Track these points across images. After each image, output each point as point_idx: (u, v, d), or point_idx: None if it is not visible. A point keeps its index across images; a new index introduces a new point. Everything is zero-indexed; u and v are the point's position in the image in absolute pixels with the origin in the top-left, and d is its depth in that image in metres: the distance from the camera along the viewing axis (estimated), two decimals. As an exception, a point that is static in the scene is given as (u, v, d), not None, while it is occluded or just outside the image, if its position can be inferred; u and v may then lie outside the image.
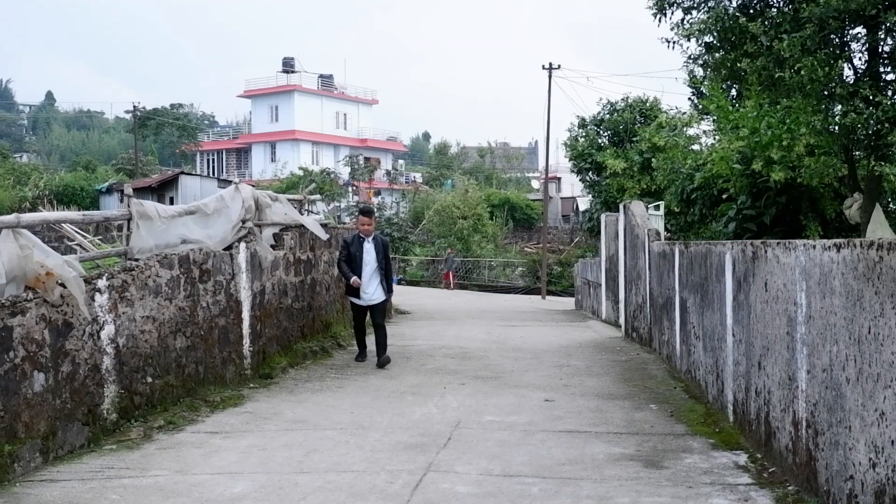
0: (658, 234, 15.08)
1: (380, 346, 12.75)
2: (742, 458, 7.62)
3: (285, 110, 79.76)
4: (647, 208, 17.35)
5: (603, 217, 22.16)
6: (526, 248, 59.52)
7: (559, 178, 76.34)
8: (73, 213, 9.41)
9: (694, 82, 16.99)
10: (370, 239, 12.68)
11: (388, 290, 12.95)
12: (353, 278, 12.44)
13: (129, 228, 9.40)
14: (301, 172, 60.82)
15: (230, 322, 11.00)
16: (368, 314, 12.91)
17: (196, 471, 7.31)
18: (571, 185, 69.65)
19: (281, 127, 79.53)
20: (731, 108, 13.36)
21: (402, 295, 31.98)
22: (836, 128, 12.65)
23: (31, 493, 6.62)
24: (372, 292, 12.72)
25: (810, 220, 12.32)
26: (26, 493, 6.64)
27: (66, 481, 6.95)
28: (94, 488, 6.77)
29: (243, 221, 11.20)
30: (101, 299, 8.30)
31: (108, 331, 8.37)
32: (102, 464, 7.48)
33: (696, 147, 18.88)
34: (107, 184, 55.41)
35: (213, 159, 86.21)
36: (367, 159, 74.12)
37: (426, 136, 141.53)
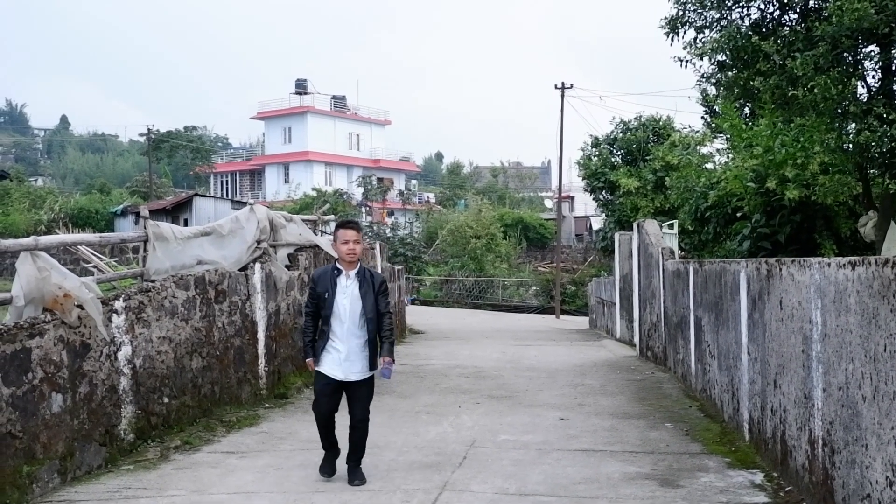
0: (672, 252, 15.07)
1: (354, 450, 7.46)
2: (758, 477, 7.60)
3: (298, 131, 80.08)
4: (661, 227, 17.35)
5: (617, 236, 22.16)
6: (539, 268, 59.47)
7: (572, 198, 76.34)
8: (91, 235, 9.49)
9: (707, 101, 17.03)
10: (353, 274, 7.35)
11: (387, 352, 7.29)
12: (308, 359, 7.42)
13: (145, 250, 9.47)
14: (314, 193, 60.98)
15: (245, 342, 11.05)
16: (343, 397, 7.45)
17: (213, 490, 7.34)
18: (585, 205, 69.65)
19: (294, 148, 79.82)
20: (744, 126, 13.37)
21: (416, 314, 32.00)
22: (850, 146, 12.64)
23: (48, 514, 6.65)
24: (351, 362, 7.29)
25: (825, 239, 12.30)
26: (44, 513, 6.68)
27: (84, 501, 6.99)
28: (111, 509, 6.80)
29: (258, 242, 11.27)
30: (119, 320, 8.36)
31: (125, 352, 8.43)
32: (120, 484, 7.52)
33: (709, 166, 18.88)
34: (121, 206, 55.72)
35: (227, 181, 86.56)
36: (380, 180, 74.30)
37: (439, 157, 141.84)
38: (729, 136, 14.48)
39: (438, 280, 54.86)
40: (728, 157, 16.35)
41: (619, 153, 29.76)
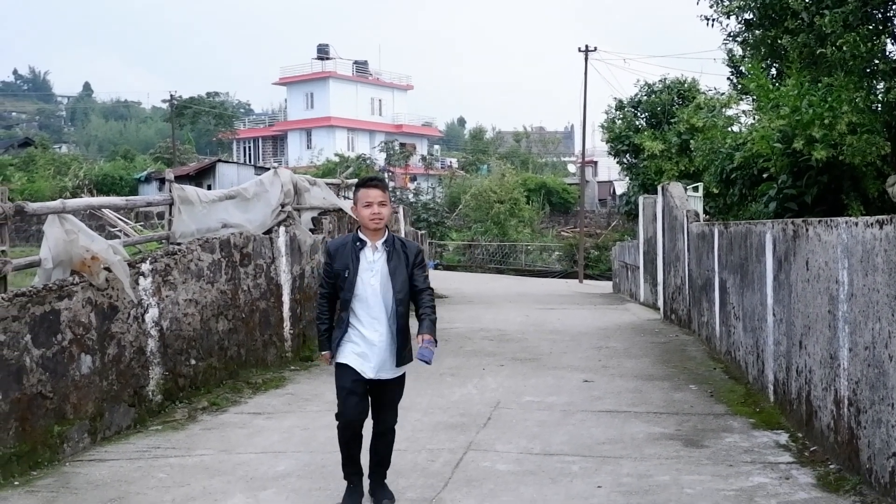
0: (697, 215, 14.99)
1: (379, 463, 6.03)
2: (783, 438, 7.60)
3: (320, 97, 79.89)
4: (686, 190, 17.24)
5: (641, 199, 22.04)
6: (562, 233, 59.29)
7: (596, 162, 75.88)
8: (117, 199, 9.56)
9: (733, 61, 16.81)
10: (380, 244, 5.81)
11: (427, 330, 5.69)
12: (325, 352, 5.91)
13: (170, 213, 9.52)
14: (337, 159, 60.96)
15: (271, 305, 11.12)
16: (370, 399, 5.83)
17: (240, 450, 7.43)
18: (608, 169, 69.21)
19: (316, 114, 79.67)
20: (771, 86, 13.21)
21: (440, 279, 32.06)
22: (879, 105, 12.45)
23: (80, 473, 6.77)
24: (382, 356, 5.73)
25: (852, 200, 12.16)
26: (75, 472, 6.79)
27: (114, 461, 7.09)
28: (141, 467, 6.91)
29: (282, 206, 11.31)
30: (145, 283, 8.43)
31: (153, 314, 8.50)
32: (149, 444, 7.62)
33: (735, 128, 18.69)
34: (145, 172, 55.98)
35: (250, 147, 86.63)
36: (402, 145, 74.11)
37: (461, 122, 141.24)
38: (755, 96, 14.31)
39: (461, 245, 54.87)
40: (754, 119, 16.17)
41: (643, 116, 29.48)
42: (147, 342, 8.40)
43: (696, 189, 17.25)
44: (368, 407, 5.76)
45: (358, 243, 5.74)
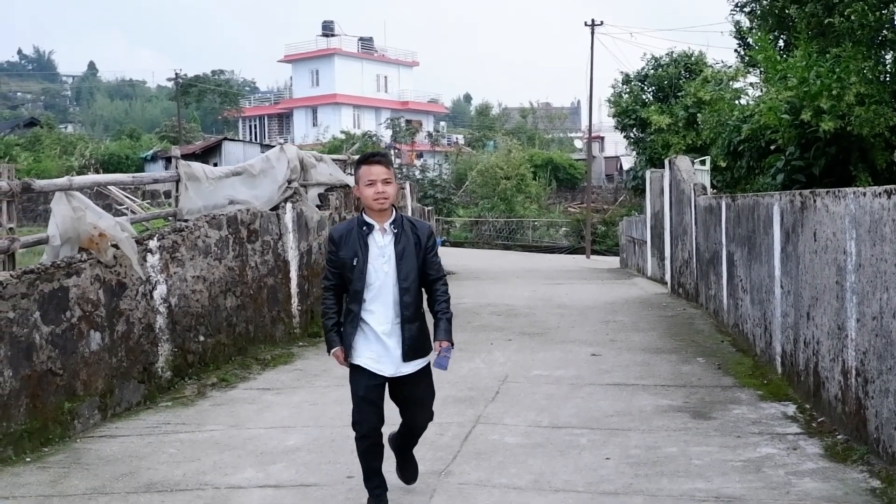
0: (704, 188, 14.95)
1: (406, 471, 5.69)
2: (790, 409, 7.62)
3: (326, 74, 79.67)
4: (693, 163, 17.20)
5: (648, 173, 21.98)
6: (569, 208, 59.17)
7: (602, 138, 75.62)
8: (123, 176, 9.57)
9: (741, 33, 16.74)
10: (388, 226, 5.18)
11: (444, 335, 5.20)
12: (335, 349, 5.20)
13: (177, 190, 9.53)
14: (343, 136, 60.88)
15: (278, 282, 11.15)
16: (400, 400, 5.38)
17: (250, 425, 7.47)
18: (615, 145, 69.03)
19: (322, 91, 79.47)
20: (778, 57, 13.13)
21: (447, 256, 32.04)
22: (888, 75, 12.39)
23: (91, 449, 6.81)
24: (398, 350, 5.15)
25: (861, 171, 12.12)
26: (86, 448, 6.84)
27: (125, 437, 7.14)
28: (151, 443, 6.95)
29: (289, 182, 11.31)
30: (153, 260, 8.46)
31: (161, 290, 8.53)
32: (159, 420, 7.67)
33: (742, 101, 18.61)
34: (151, 151, 55.97)
35: (255, 125, 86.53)
36: (408, 122, 73.93)
37: (467, 98, 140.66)
38: (763, 68, 14.24)
39: (468, 221, 54.85)
40: (762, 91, 16.10)
41: (650, 90, 29.40)
42: (156, 319, 8.43)
43: (703, 162, 17.21)
44: (383, 414, 5.17)
45: (364, 227, 5.09)
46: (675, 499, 5.46)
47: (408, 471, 5.67)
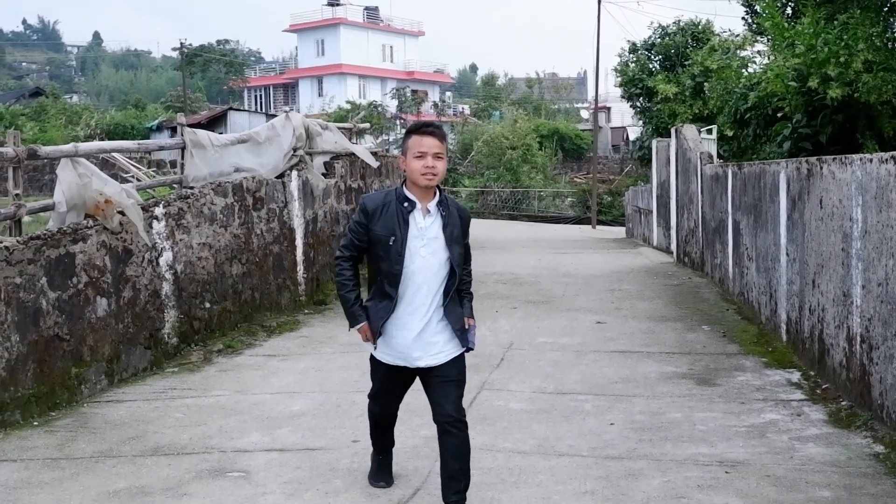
0: (710, 157, 14.90)
1: (454, 476, 4.59)
2: (795, 376, 7.64)
3: (331, 44, 79.30)
4: (700, 132, 17.12)
5: (654, 143, 21.90)
6: (575, 179, 59.02)
7: (609, 108, 75.28)
8: (129, 143, 9.58)
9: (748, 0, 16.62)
10: (434, 206, 4.63)
11: (469, 312, 4.82)
12: (362, 324, 4.66)
13: (182, 157, 9.53)
14: (348, 106, 60.68)
15: (284, 249, 11.16)
16: (427, 388, 4.74)
17: (256, 391, 7.51)
18: (621, 115, 68.70)
19: (327, 61, 79.12)
20: (786, 24, 13.02)
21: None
22: (895, 42, 12.29)
23: (98, 413, 6.86)
24: (431, 340, 4.65)
25: (868, 139, 12.05)
26: (93, 412, 6.88)
27: (132, 401, 7.19)
28: (158, 407, 7.00)
29: (294, 150, 11.29)
30: (159, 227, 8.47)
31: (167, 257, 8.55)
32: (165, 385, 7.71)
33: (749, 69, 18.50)
34: (157, 121, 55.81)
35: (261, 95, 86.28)
36: (414, 92, 73.64)
37: (473, 68, 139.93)
38: (770, 35, 14.14)
39: (474, 191, 54.75)
40: (769, 59, 15.99)
41: (656, 59, 29.22)
42: (162, 285, 8.46)
43: (709, 131, 17.12)
44: (402, 397, 5.01)
45: (406, 204, 4.52)
46: (678, 463, 5.49)
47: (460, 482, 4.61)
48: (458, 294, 4.73)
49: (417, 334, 4.56)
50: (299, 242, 11.55)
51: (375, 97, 70.69)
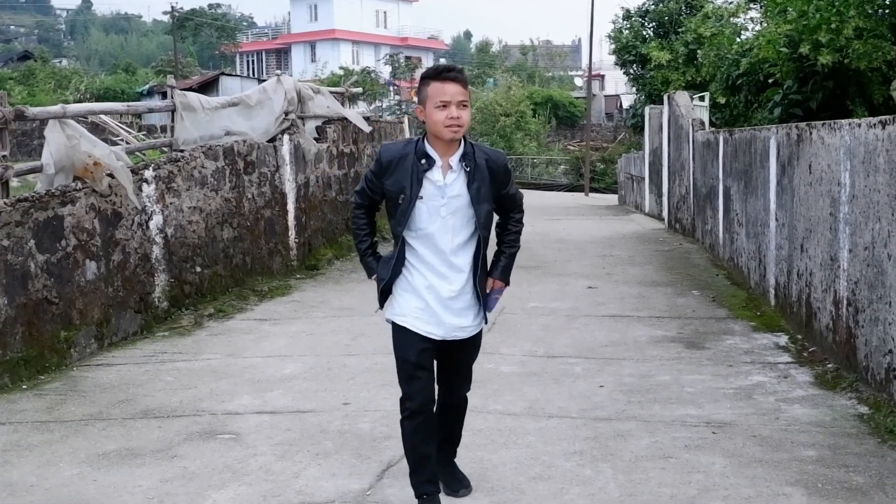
0: (702, 123, 14.89)
1: (447, 440, 4.57)
2: (783, 339, 7.69)
3: (325, 9, 78.77)
4: (692, 99, 17.10)
5: (647, 110, 21.86)
6: (569, 146, 58.92)
7: (603, 76, 75.10)
8: (119, 105, 9.54)
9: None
10: (456, 161, 4.10)
11: (501, 272, 4.36)
12: (377, 273, 4.26)
13: (172, 120, 9.49)
14: (342, 72, 60.36)
15: (275, 214, 11.15)
16: (440, 363, 4.32)
17: (247, 354, 7.53)
18: (615, 83, 68.59)
19: (320, 26, 78.64)
20: (779, -9, 13.02)
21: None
22: (886, 9, 12.26)
23: (87, 377, 6.88)
24: (457, 308, 4.18)
25: (857, 105, 12.08)
26: (83, 376, 6.91)
27: (122, 365, 7.21)
28: (148, 371, 7.02)
29: (286, 113, 11.23)
30: (149, 190, 8.45)
31: (157, 221, 8.54)
32: (156, 349, 7.73)
33: (742, 36, 18.49)
34: (147, 86, 55.45)
35: (253, 61, 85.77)
36: (407, 58, 73.33)
37: (468, 35, 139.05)
38: (763, 2, 14.12)
39: (467, 159, 54.60)
40: (762, 26, 15.97)
41: (650, 26, 29.05)
42: (152, 249, 8.45)
43: (702, 98, 17.11)
44: (432, 367, 4.23)
45: (424, 161, 4.03)
46: (667, 424, 5.54)
47: (462, 484, 4.55)
48: (497, 244, 4.36)
49: (445, 303, 4.09)
50: (291, 207, 11.53)
51: (369, 63, 70.36)
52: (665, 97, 18.33)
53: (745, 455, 4.97)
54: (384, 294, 4.22)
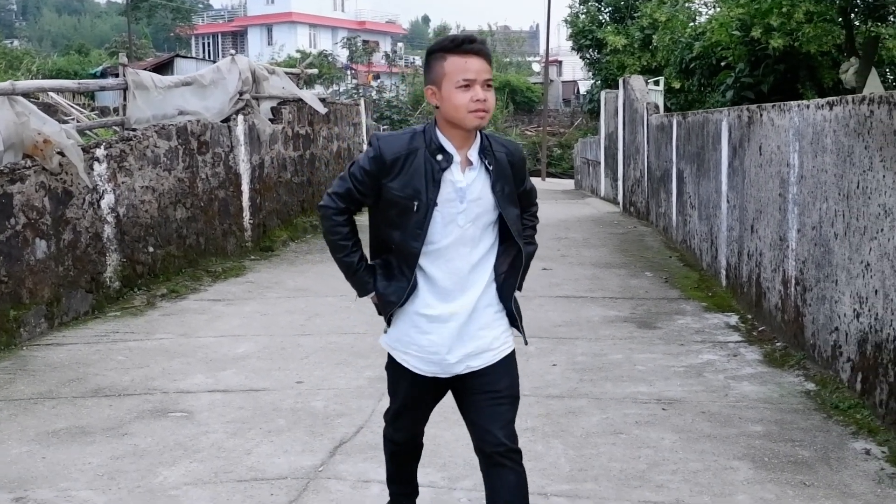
0: (657, 107, 15.01)
1: None
2: (733, 319, 7.80)
3: (281, -9, 78.17)
4: (647, 83, 17.22)
5: (603, 94, 21.98)
6: (526, 132, 59.06)
7: (560, 62, 75.27)
8: (69, 82, 9.40)
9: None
10: (477, 154, 3.20)
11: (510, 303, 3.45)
12: (373, 292, 3.32)
13: (124, 98, 9.37)
14: (298, 56, 59.89)
15: (230, 195, 11.06)
16: (459, 403, 3.41)
17: (200, 334, 7.49)
18: (573, 69, 68.75)
19: (277, 9, 77.96)
20: (731, -26, 13.17)
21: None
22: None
23: (37, 356, 6.80)
24: (472, 333, 3.27)
25: (808, 89, 12.28)
26: (33, 355, 6.82)
27: (72, 344, 7.13)
28: (100, 350, 6.95)
29: (240, 93, 11.14)
30: (100, 168, 8.34)
31: (108, 200, 8.44)
32: (107, 329, 7.65)
33: (697, 21, 18.67)
34: (101, 67, 54.55)
35: (209, 43, 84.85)
36: (365, 42, 72.91)
37: (426, 20, 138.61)
38: (717, -14, 14.30)
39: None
40: (715, 10, 16.14)
41: (606, 10, 29.19)
42: (103, 228, 8.35)
43: (656, 83, 17.25)
44: (428, 417, 3.61)
45: (440, 157, 3.15)
46: (618, 401, 5.60)
47: None
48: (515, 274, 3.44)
49: (458, 329, 3.23)
50: (245, 188, 11.46)
51: (326, 46, 69.81)
52: (620, 81, 18.45)
53: (695, 430, 5.05)
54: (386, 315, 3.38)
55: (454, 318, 3.23)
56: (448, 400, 5.09)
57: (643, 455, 4.70)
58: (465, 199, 3.17)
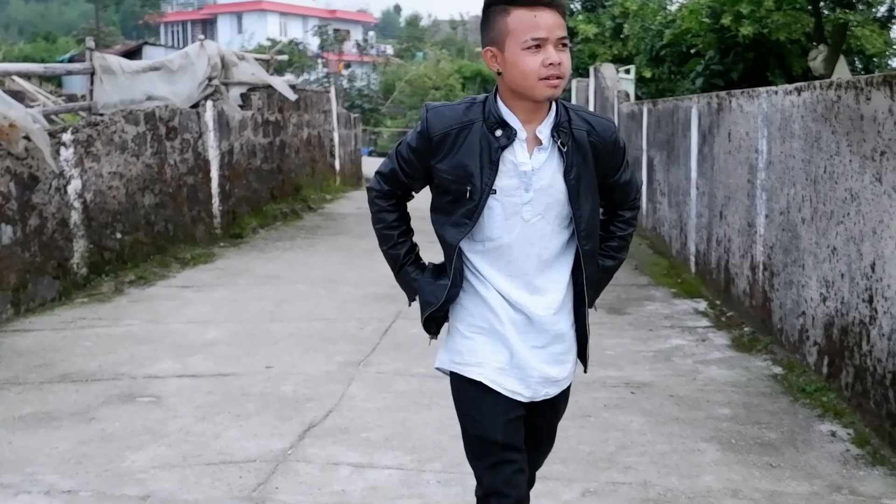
0: (627, 95, 15.05)
1: None
2: (702, 305, 7.86)
3: (251, -21, 77.64)
4: (618, 71, 17.25)
5: (574, 82, 21.98)
6: (498, 121, 59.18)
7: (531, 50, 75.40)
8: (35, 65, 9.29)
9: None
10: (548, 132, 2.55)
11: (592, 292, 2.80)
12: (423, 295, 2.95)
13: (91, 84, 9.27)
14: (269, 44, 59.54)
15: (199, 181, 10.98)
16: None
17: (169, 320, 7.44)
18: (544, 57, 68.80)
19: (247, -4, 77.54)
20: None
21: (373, 166, 31.85)
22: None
23: (3, 342, 6.72)
24: (552, 350, 2.71)
25: (777, 77, 12.37)
26: (-1, 341, 6.75)
27: (39, 331, 7.06)
28: (67, 337, 6.89)
29: (209, 79, 11.06)
30: (67, 153, 8.25)
31: (75, 185, 8.35)
32: (75, 315, 7.58)
33: (667, 9, 18.77)
34: (68, 55, 53.97)
35: (178, 31, 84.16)
36: (336, 30, 72.58)
37: (397, 9, 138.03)
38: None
39: (396, 132, 54.47)
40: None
41: None
42: (70, 214, 8.27)
43: (627, 71, 17.29)
44: (519, 442, 2.73)
45: (500, 133, 2.56)
46: (587, 385, 5.60)
47: None
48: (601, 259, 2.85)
49: (537, 343, 2.70)
50: (215, 174, 11.38)
51: (297, 35, 69.44)
52: (591, 69, 18.48)
53: (663, 414, 5.08)
54: (433, 320, 2.94)
55: (536, 330, 2.69)
56: (418, 384, 5.07)
57: (612, 438, 4.73)
58: (531, 188, 2.58)
